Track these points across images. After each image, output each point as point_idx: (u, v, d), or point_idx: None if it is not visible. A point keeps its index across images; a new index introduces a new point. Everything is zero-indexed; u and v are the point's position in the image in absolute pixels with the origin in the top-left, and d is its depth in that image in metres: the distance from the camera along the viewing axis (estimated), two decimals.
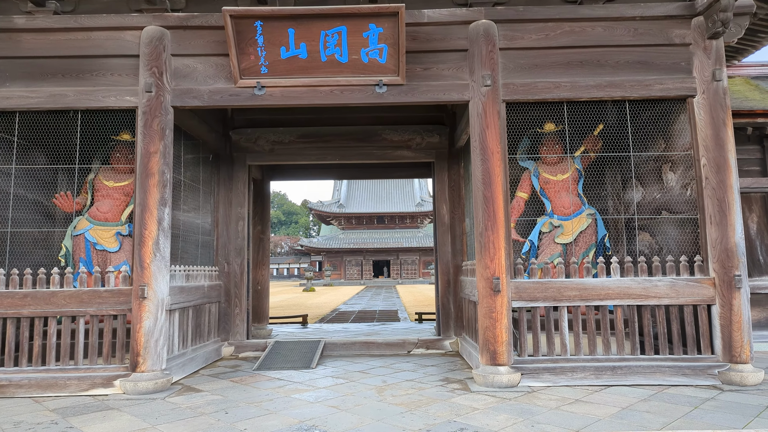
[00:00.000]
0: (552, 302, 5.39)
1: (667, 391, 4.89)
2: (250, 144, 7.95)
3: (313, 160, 8.00)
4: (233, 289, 7.69)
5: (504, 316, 5.27)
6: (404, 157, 7.97)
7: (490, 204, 5.41)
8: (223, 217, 7.79)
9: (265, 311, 9.78)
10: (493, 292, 5.29)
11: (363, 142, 7.94)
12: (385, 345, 7.53)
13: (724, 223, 5.22)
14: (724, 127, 5.33)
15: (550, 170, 7.07)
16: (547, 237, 6.99)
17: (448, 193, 7.91)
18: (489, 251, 5.35)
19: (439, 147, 7.95)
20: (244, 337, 7.66)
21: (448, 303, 7.77)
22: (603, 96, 5.53)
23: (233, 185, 7.85)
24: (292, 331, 10.52)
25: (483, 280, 5.36)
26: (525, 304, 5.41)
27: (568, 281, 5.42)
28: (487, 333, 5.28)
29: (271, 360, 6.74)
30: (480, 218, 5.44)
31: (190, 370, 6.23)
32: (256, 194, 10.03)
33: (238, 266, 7.72)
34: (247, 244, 7.84)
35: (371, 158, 7.98)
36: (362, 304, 20.07)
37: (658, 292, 5.29)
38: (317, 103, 5.66)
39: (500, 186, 5.44)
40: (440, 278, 7.86)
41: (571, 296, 5.37)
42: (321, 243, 49.13)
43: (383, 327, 11.07)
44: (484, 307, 5.33)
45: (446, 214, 7.90)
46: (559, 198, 6.99)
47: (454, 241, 7.87)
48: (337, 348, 7.52)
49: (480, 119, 5.52)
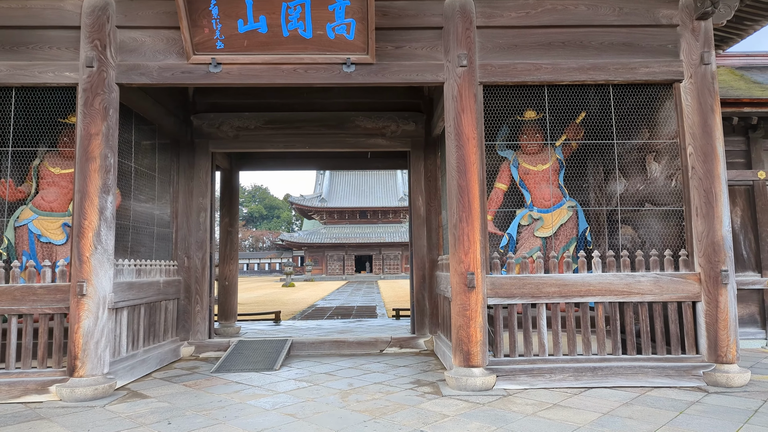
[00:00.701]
0: (530, 299, 5.03)
1: (650, 393, 4.56)
2: (213, 130, 7.46)
3: (281, 148, 7.53)
4: (194, 285, 7.20)
5: (479, 314, 4.89)
6: (378, 146, 7.54)
7: (465, 194, 5.02)
8: (183, 208, 7.29)
9: (233, 308, 9.31)
10: (467, 289, 4.91)
11: (335, 129, 7.50)
12: (356, 344, 7.13)
13: (710, 215, 4.91)
14: (712, 114, 5.01)
15: (531, 160, 6.74)
16: (527, 230, 6.66)
17: (424, 184, 7.51)
18: (463, 244, 4.97)
19: (415, 135, 7.54)
20: (206, 336, 7.19)
21: (423, 299, 7.39)
22: (585, 79, 5.17)
23: (194, 174, 7.35)
24: (262, 329, 10.07)
25: (457, 276, 4.98)
26: (501, 301, 5.05)
27: (547, 277, 5.06)
28: (460, 332, 4.90)
29: (231, 361, 6.29)
30: (454, 209, 5.05)
31: (140, 373, 5.75)
32: (224, 185, 9.54)
33: (199, 260, 7.23)
34: (209, 237, 7.36)
35: (344, 146, 7.55)
36: (341, 300, 19.65)
37: (641, 288, 4.97)
38: (279, 83, 5.20)
39: (476, 174, 5.05)
40: (415, 273, 7.47)
41: (550, 293, 5.02)
42: (302, 238, 48.49)
43: (359, 324, 10.67)
44: (457, 305, 4.95)
45: (422, 206, 7.51)
46: (539, 189, 6.66)
47: (430, 235, 7.49)
48: (305, 347, 7.09)
49: (455, 102, 5.12)
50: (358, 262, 49.68)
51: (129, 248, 6.24)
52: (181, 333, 7.13)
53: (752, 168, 7.12)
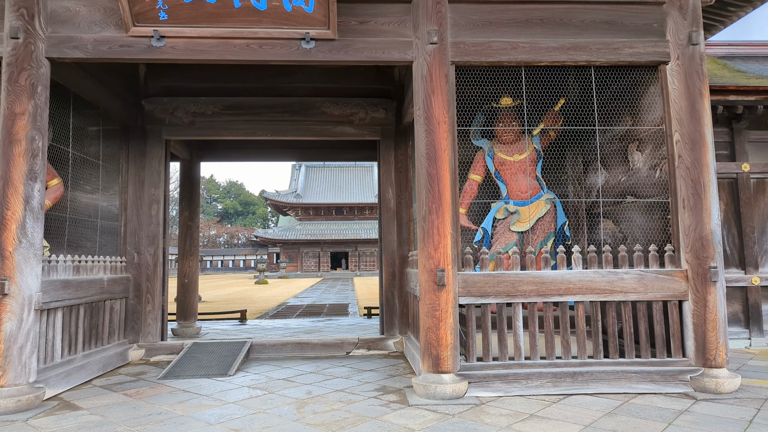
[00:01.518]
0: (505, 298, 4.63)
1: (635, 401, 4.20)
2: (167, 115, 6.87)
3: (241, 136, 6.99)
4: (145, 283, 6.62)
5: (449, 315, 4.46)
6: (346, 134, 7.06)
7: (435, 183, 4.58)
8: (134, 200, 6.69)
9: (193, 307, 8.73)
10: (436, 287, 4.48)
11: (299, 115, 6.98)
12: (321, 346, 6.65)
13: (698, 207, 4.57)
14: (700, 98, 4.66)
15: (507, 150, 6.35)
16: (502, 224, 6.27)
17: (394, 175, 7.06)
18: (433, 238, 4.53)
19: (384, 123, 7.08)
20: (158, 338, 6.62)
21: (392, 298, 6.95)
22: (566, 60, 4.78)
23: (146, 163, 6.76)
24: (226, 329, 9.51)
25: (426, 273, 4.54)
26: (474, 300, 4.63)
27: (524, 274, 4.66)
28: (429, 335, 4.47)
29: (182, 366, 5.75)
30: (423, 200, 4.61)
31: (78, 380, 5.18)
32: (184, 176, 8.95)
33: (150, 256, 6.66)
34: (162, 231, 6.78)
35: (308, 134, 7.04)
36: (313, 298, 19.11)
37: (624, 286, 4.60)
38: (230, 59, 4.68)
39: (447, 162, 4.62)
40: (384, 270, 7.02)
41: (526, 291, 4.62)
42: (277, 234, 47.64)
43: (328, 323, 10.19)
44: (426, 304, 4.51)
45: (392, 198, 7.06)
46: (516, 181, 6.28)
47: (401, 229, 7.05)
48: (266, 350, 6.59)
49: (425, 83, 4.67)
50: (334, 259, 49.06)
51: (67, 243, 5.65)
52: (131, 335, 6.56)
53: (736, 160, 6.85)
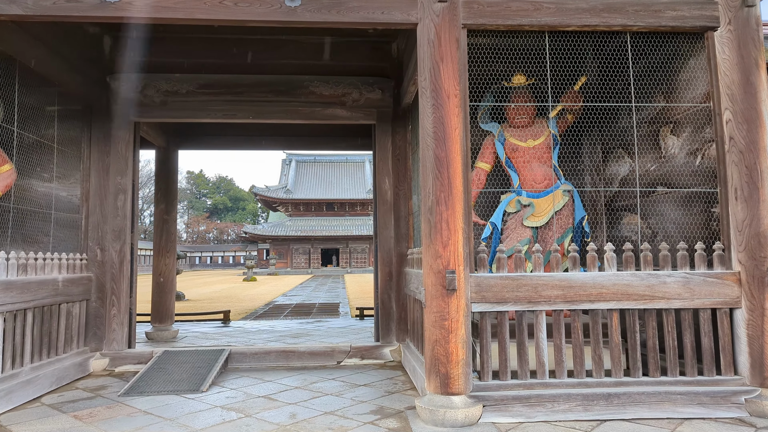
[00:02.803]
0: (526, 304, 3.92)
1: (682, 429, 3.51)
2: (136, 94, 6.08)
3: (219, 118, 6.21)
4: (109, 284, 5.84)
5: (461, 325, 3.75)
6: (337, 117, 6.31)
7: (444, 168, 3.85)
8: (97, 189, 5.91)
9: (170, 309, 7.96)
10: (445, 292, 3.76)
11: (285, 95, 6.22)
12: (308, 354, 5.91)
13: (754, 198, 3.88)
14: (756, 70, 3.97)
15: (519, 135, 5.64)
16: (514, 219, 5.57)
17: (391, 164, 6.33)
18: (441, 234, 3.81)
19: (381, 105, 6.33)
20: (124, 345, 5.85)
21: (389, 300, 6.22)
22: (598, 24, 4.06)
23: (112, 147, 5.97)
24: (206, 332, 8.75)
25: (432, 275, 3.82)
26: (489, 308, 3.91)
27: (548, 277, 3.95)
28: (436, 349, 3.75)
29: (149, 380, 4.99)
30: (430, 188, 3.88)
31: (23, 397, 4.41)
32: (160, 165, 8.16)
33: (116, 253, 5.88)
34: (130, 225, 6.00)
35: (295, 117, 6.28)
36: (303, 296, 18.36)
37: (667, 291, 3.90)
38: (200, 18, 3.92)
39: (457, 143, 3.89)
40: (380, 269, 6.30)
41: (551, 297, 3.91)
42: (266, 230, 46.74)
43: (317, 325, 9.46)
44: (433, 312, 3.79)
45: (389, 189, 6.32)
46: (530, 170, 5.57)
47: (399, 224, 6.32)
48: (246, 359, 5.84)
49: (431, 49, 3.93)
50: (325, 256, 48.28)
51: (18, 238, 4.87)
52: (93, 342, 5.78)
53: None
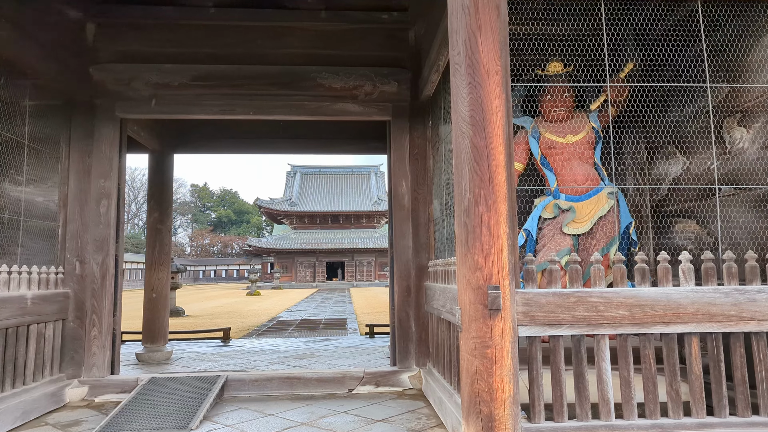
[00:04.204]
0: (585, 327, 3.18)
1: None
2: (122, 87, 5.42)
3: (216, 114, 5.54)
4: (90, 301, 5.14)
5: (507, 354, 3.01)
6: (348, 113, 5.62)
7: (484, 159, 3.15)
8: (77, 193, 5.23)
9: (163, 327, 7.25)
10: (487, 312, 3.03)
11: (289, 89, 5.55)
12: (316, 381, 5.17)
13: None
14: None
15: (557, 130, 4.98)
16: (551, 226, 4.88)
17: (409, 165, 5.63)
18: (482, 241, 3.09)
19: (397, 99, 5.65)
20: (106, 371, 5.13)
21: (407, 319, 5.48)
22: None
23: (94, 147, 5.31)
24: (203, 352, 8.03)
25: (470, 291, 3.09)
26: (540, 331, 3.18)
27: (612, 293, 3.22)
28: (477, 383, 3.01)
29: (130, 415, 4.26)
30: (466, 185, 3.17)
31: None
32: (154, 170, 7.50)
33: (97, 266, 5.18)
34: (114, 234, 5.31)
35: (301, 113, 5.60)
36: (308, 311, 17.59)
37: (757, 310, 3.16)
38: None
39: (500, 129, 3.19)
40: (397, 284, 5.57)
41: (616, 318, 3.18)
42: (270, 243, 46.03)
43: (324, 344, 8.72)
44: (472, 338, 3.06)
45: (406, 193, 5.62)
46: (570, 169, 4.89)
47: (417, 233, 5.61)
48: (245, 387, 5.11)
49: (466, 17, 3.25)
50: (330, 269, 47.47)
51: None
52: (70, 368, 5.06)
53: None
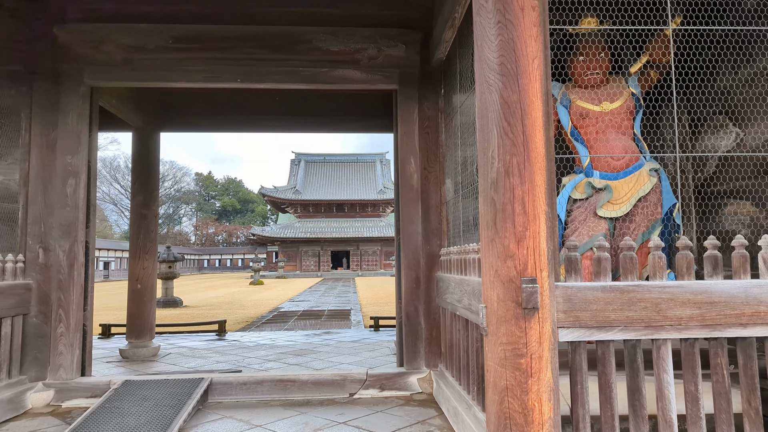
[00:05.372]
0: (643, 330, 2.52)
1: None
2: (91, 50, 4.76)
3: (199, 81, 4.87)
4: (55, 293, 4.53)
5: (546, 365, 2.36)
6: (349, 80, 4.94)
7: (518, 118, 2.47)
8: (39, 172, 4.60)
9: (149, 321, 6.66)
10: (521, 312, 2.38)
11: (282, 52, 4.87)
12: (312, 385, 4.55)
13: None
14: None
15: (590, 96, 4.30)
16: (583, 208, 4.22)
17: (418, 139, 4.95)
18: (514, 221, 2.43)
19: (405, 64, 4.96)
20: (75, 373, 4.53)
21: (416, 314, 4.84)
22: None
23: (60, 119, 4.66)
24: (195, 347, 7.46)
25: (499, 285, 2.44)
26: (586, 335, 2.52)
27: (677, 288, 2.55)
28: (507, 402, 2.36)
29: (92, 427, 3.65)
30: (494, 151, 2.50)
31: None
32: (139, 149, 6.86)
33: (64, 253, 4.56)
34: (84, 217, 4.69)
35: (296, 80, 4.92)
36: (311, 302, 17.02)
37: None
38: None
39: (537, 80, 2.51)
40: (404, 274, 4.92)
41: (681, 318, 2.52)
42: (274, 232, 45.50)
43: (326, 338, 8.13)
44: (501, 344, 2.41)
45: (415, 172, 4.95)
46: (605, 142, 4.22)
47: (428, 216, 4.95)
48: (232, 390, 4.49)
49: None
50: (335, 258, 46.95)
51: None
52: (33, 369, 4.47)
53: None
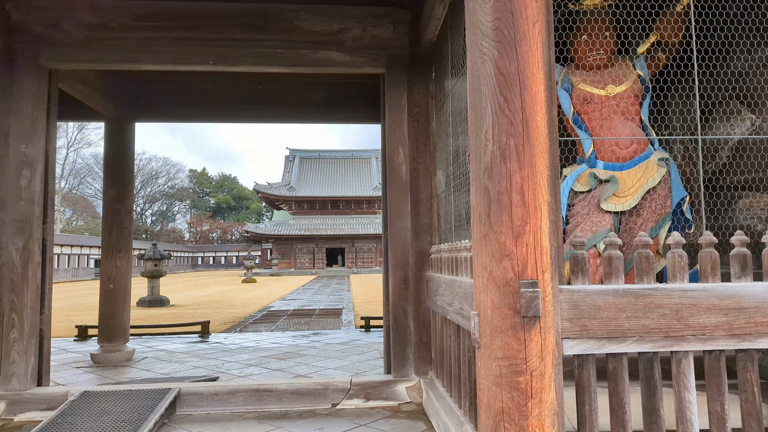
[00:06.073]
0: (661, 341, 2.15)
1: None
2: (48, 29, 4.34)
3: (167, 63, 4.46)
4: (7, 296, 4.13)
5: (549, 385, 1.99)
6: (332, 63, 4.54)
7: (515, 91, 2.09)
8: None
9: (122, 323, 6.26)
10: (520, 321, 2.00)
11: (259, 32, 4.46)
12: (291, 394, 4.17)
13: None
14: None
15: (594, 79, 3.95)
16: (586, 201, 3.88)
17: (407, 127, 4.56)
18: (510, 214, 2.04)
19: (392, 46, 4.56)
20: (30, 383, 4.13)
21: (404, 317, 4.46)
22: None
23: (13, 104, 4.25)
24: (173, 350, 7.09)
25: (494, 289, 2.06)
26: (596, 348, 2.15)
27: (700, 291, 2.18)
28: (503, 427, 1.99)
29: None
30: (487, 131, 2.11)
31: None
32: (112, 141, 6.46)
33: (17, 252, 4.16)
34: (41, 212, 4.28)
35: (273, 62, 4.51)
36: (303, 300, 16.63)
37: None
38: None
39: (539, 47, 2.12)
40: (392, 273, 4.54)
41: (705, 326, 2.15)
42: (269, 229, 45.04)
43: (313, 340, 7.76)
44: (495, 359, 2.03)
45: (404, 162, 4.56)
46: (610, 129, 3.88)
47: (418, 211, 4.57)
48: (203, 402, 4.11)
49: None
50: (330, 256, 46.53)
51: None
52: None
53: None
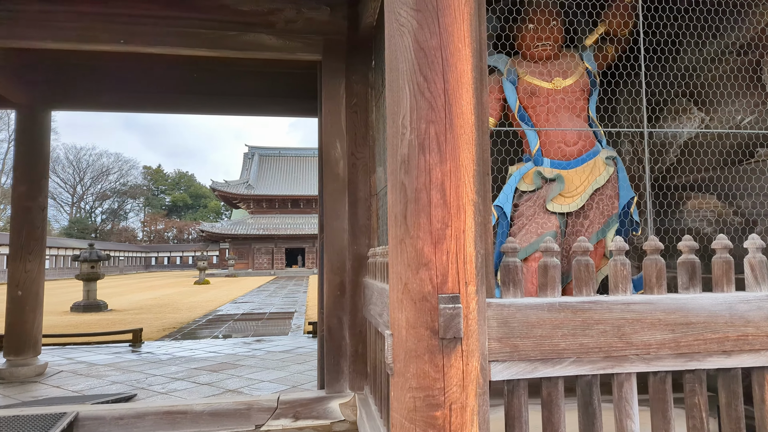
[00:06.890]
0: (601, 362, 1.87)
1: None
2: None
3: (72, 41, 3.95)
4: None
5: (471, 419, 1.66)
6: (262, 47, 4.13)
7: (437, 69, 1.76)
8: None
9: (33, 334, 5.67)
10: (438, 343, 1.67)
11: (178, 9, 4.02)
12: (209, 416, 3.74)
13: None
14: None
15: (541, 71, 3.71)
16: (531, 201, 3.64)
17: (345, 119, 4.20)
18: (429, 215, 1.71)
19: (330, 31, 4.20)
20: None
21: (339, 328, 4.10)
22: None
23: None
24: (96, 362, 6.52)
25: (409, 304, 1.72)
26: (527, 371, 1.84)
27: (644, 303, 1.91)
28: None
29: None
30: (405, 116, 1.78)
31: None
32: (23, 131, 5.84)
33: None
34: None
35: (195, 44, 4.07)
36: (254, 303, 16.05)
37: None
38: None
39: (466, 19, 1.80)
40: (327, 279, 4.17)
41: (650, 345, 1.88)
42: (225, 228, 43.84)
43: (255, 348, 7.31)
44: (409, 389, 1.69)
45: (341, 158, 4.20)
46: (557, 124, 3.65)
47: (356, 211, 4.22)
48: (105, 427, 3.63)
49: None
50: (290, 256, 45.71)
51: None
52: None
53: None
